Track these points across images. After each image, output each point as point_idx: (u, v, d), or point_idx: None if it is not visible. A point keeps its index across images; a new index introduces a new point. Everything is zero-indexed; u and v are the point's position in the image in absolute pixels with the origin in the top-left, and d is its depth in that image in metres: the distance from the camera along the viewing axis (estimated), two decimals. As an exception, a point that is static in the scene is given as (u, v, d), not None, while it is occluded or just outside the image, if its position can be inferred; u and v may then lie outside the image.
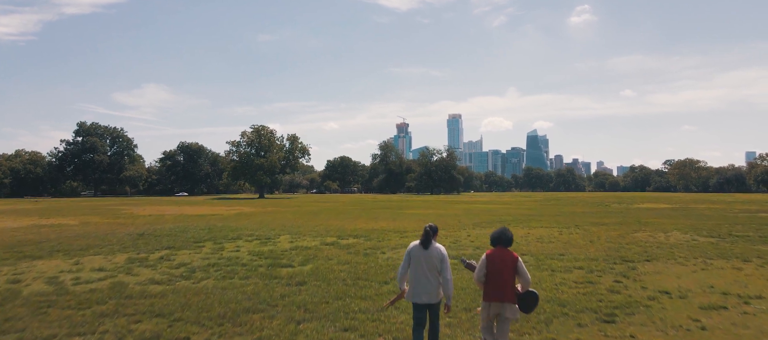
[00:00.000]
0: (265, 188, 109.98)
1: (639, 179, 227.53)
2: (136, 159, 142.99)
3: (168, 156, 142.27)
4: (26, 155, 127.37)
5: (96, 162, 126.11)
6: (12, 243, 17.51)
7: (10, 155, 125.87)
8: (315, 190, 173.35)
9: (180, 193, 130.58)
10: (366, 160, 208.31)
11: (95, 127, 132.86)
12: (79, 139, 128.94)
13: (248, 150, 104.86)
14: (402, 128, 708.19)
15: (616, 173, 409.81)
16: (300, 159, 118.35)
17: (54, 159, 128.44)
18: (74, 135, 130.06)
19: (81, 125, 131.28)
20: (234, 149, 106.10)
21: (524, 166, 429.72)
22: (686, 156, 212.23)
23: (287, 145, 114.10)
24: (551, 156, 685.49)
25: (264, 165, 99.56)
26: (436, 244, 5.87)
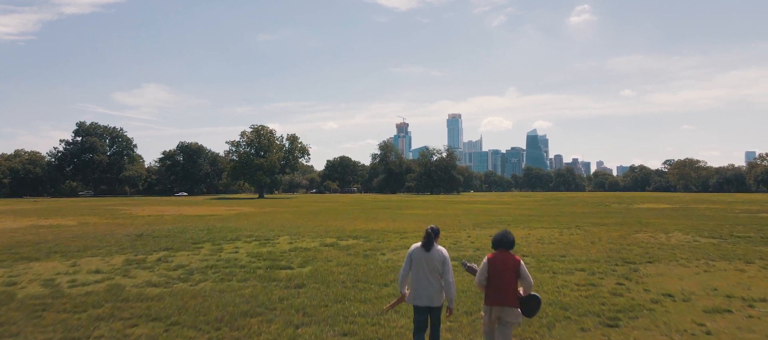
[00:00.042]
0: (265, 188, 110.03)
1: (639, 179, 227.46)
2: (136, 159, 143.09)
3: (167, 156, 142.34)
4: (26, 155, 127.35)
5: (95, 162, 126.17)
6: (9, 244, 17.40)
7: (10, 155, 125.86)
8: (315, 190, 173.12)
9: (179, 193, 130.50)
10: (366, 160, 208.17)
11: (95, 127, 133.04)
12: (79, 139, 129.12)
13: (248, 150, 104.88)
14: (402, 128, 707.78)
15: (616, 173, 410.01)
16: (299, 159, 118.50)
17: (53, 159, 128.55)
18: (74, 135, 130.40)
19: (80, 125, 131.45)
20: (233, 149, 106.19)
21: (524, 166, 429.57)
22: (686, 156, 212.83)
23: (287, 145, 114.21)
24: (551, 156, 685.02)
25: (263, 165, 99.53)
26: (438, 246, 5.79)
